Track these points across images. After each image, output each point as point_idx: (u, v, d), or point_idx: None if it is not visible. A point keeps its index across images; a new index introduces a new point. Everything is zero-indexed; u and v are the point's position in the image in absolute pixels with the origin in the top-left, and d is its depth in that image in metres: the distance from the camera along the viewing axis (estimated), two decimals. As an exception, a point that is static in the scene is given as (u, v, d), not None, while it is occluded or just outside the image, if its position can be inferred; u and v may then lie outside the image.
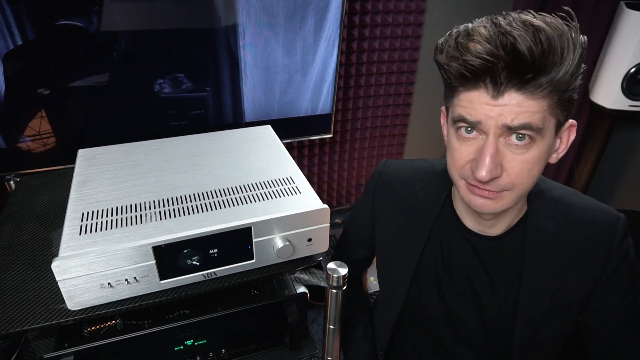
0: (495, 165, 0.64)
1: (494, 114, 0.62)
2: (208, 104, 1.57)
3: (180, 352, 0.80)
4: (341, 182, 2.14)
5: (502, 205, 0.69)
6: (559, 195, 0.78)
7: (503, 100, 0.62)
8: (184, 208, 0.74)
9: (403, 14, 1.80)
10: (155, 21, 1.36)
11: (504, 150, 0.65)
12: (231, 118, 1.61)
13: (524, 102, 0.61)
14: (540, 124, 0.62)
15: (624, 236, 0.75)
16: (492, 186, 0.67)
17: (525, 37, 0.57)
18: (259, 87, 1.59)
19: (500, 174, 0.65)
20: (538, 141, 0.64)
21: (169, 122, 1.53)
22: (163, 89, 1.50)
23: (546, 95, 0.61)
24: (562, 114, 0.65)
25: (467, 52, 0.61)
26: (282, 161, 0.89)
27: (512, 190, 0.67)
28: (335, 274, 0.81)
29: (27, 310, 0.66)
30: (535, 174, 0.67)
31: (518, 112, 0.61)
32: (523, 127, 0.62)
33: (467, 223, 0.81)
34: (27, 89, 1.28)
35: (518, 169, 0.65)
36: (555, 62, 0.59)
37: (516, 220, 0.78)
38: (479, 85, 0.63)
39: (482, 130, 0.65)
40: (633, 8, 1.77)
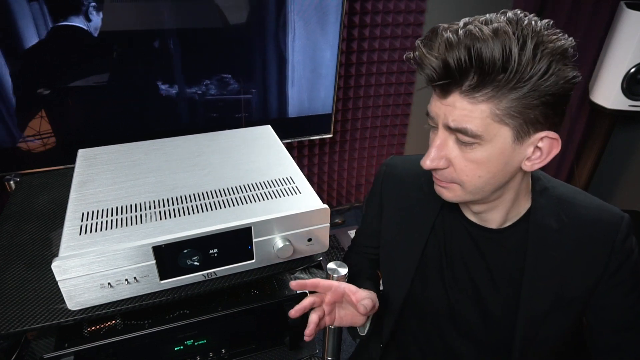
0: (440, 157, 0.68)
1: (441, 113, 0.66)
2: (252, 105, 1.59)
3: (180, 352, 0.80)
4: (341, 182, 2.14)
5: (455, 196, 0.72)
6: (563, 193, 0.78)
7: (447, 101, 0.65)
8: (184, 208, 0.74)
9: (403, 14, 1.80)
10: (199, 20, 1.37)
11: (453, 146, 0.68)
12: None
13: (465, 105, 0.63)
14: (479, 130, 0.63)
15: (627, 235, 0.74)
16: (440, 176, 0.72)
17: (460, 37, 0.60)
18: (298, 85, 1.62)
19: (446, 166, 0.69)
20: (484, 145, 0.65)
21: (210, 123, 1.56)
22: (209, 90, 1.51)
23: (488, 101, 0.61)
24: (520, 119, 0.63)
25: (424, 55, 0.64)
26: (282, 161, 0.89)
27: (462, 185, 0.70)
28: (335, 274, 0.81)
29: (27, 310, 0.66)
30: (484, 175, 0.67)
31: (457, 115, 0.64)
32: (459, 130, 0.64)
33: (468, 215, 0.82)
34: (50, 88, 1.29)
35: (462, 165, 0.68)
36: (494, 65, 0.59)
37: (518, 215, 0.79)
38: (437, 85, 0.66)
39: (435, 125, 0.69)
40: (633, 8, 1.77)
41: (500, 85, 0.60)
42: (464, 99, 0.62)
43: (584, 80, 2.05)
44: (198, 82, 1.50)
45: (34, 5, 1.18)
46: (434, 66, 0.62)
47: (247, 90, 1.57)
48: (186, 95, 1.50)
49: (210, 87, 1.55)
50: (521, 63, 0.58)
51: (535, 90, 0.60)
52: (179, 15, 1.36)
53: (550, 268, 0.76)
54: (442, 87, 0.64)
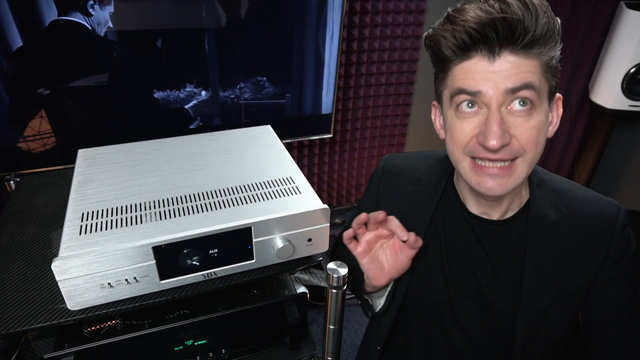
0: (504, 132, 0.65)
1: (495, 81, 0.64)
2: (287, 108, 1.59)
3: (180, 352, 0.80)
4: (341, 182, 2.14)
5: (514, 180, 0.69)
6: (561, 186, 0.79)
7: (500, 64, 0.64)
8: (184, 208, 0.74)
9: (403, 14, 1.80)
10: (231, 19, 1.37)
11: (509, 119, 0.66)
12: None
13: (520, 63, 0.64)
14: (539, 84, 0.65)
15: (624, 225, 0.75)
16: (504, 154, 0.67)
17: (512, 1, 0.62)
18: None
19: (510, 141, 0.66)
20: (538, 106, 0.66)
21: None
22: (243, 94, 1.50)
23: (537, 56, 0.65)
24: (553, 80, 0.68)
25: (460, 21, 0.65)
26: (282, 161, 0.89)
27: (524, 157, 0.68)
28: (335, 274, 0.81)
29: (27, 310, 0.66)
30: (542, 142, 0.69)
31: (517, 73, 0.64)
32: (525, 86, 0.64)
33: (470, 206, 0.81)
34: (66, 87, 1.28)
35: (527, 134, 0.66)
36: (541, 22, 0.62)
37: (518, 207, 0.79)
38: (473, 54, 0.65)
39: (484, 102, 0.66)
40: (633, 8, 1.77)
41: (546, 41, 0.64)
42: (517, 56, 0.63)
43: (584, 80, 2.05)
44: (233, 85, 1.50)
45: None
46: (492, 25, 0.62)
47: (281, 94, 1.57)
48: (219, 99, 1.49)
49: (245, 90, 1.54)
50: (552, 21, 0.64)
51: (557, 53, 0.66)
52: (209, 14, 1.35)
53: (550, 259, 0.76)
54: (493, 48, 0.63)
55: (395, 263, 0.77)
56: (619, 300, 0.77)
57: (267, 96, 1.59)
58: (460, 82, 0.67)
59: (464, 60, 0.67)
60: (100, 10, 1.25)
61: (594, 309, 0.79)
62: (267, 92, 1.58)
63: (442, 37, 0.68)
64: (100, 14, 1.26)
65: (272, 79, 1.56)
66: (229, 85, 1.50)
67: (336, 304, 0.85)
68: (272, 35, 1.48)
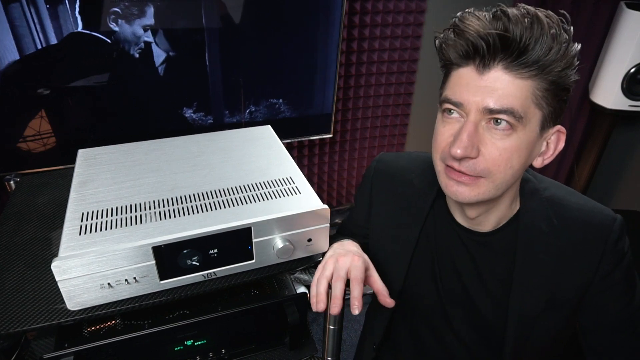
0: (472, 144, 0.64)
1: (478, 96, 0.63)
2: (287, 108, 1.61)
3: (180, 352, 0.80)
4: (341, 182, 2.14)
5: (477, 193, 0.68)
6: (554, 195, 0.78)
7: (488, 78, 0.62)
8: (184, 208, 0.74)
9: (403, 14, 1.80)
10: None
11: (484, 134, 0.65)
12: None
13: (508, 82, 0.61)
14: (522, 111, 0.62)
15: (619, 237, 0.73)
16: (467, 169, 0.66)
17: (516, 15, 0.60)
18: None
19: (476, 156, 0.65)
20: (519, 130, 0.64)
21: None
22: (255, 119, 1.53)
23: (532, 77, 0.62)
24: (548, 108, 0.64)
25: (459, 28, 0.64)
26: (282, 161, 0.89)
27: (488, 178, 0.66)
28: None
29: (27, 310, 0.66)
30: (515, 166, 0.66)
31: (502, 94, 0.62)
32: (504, 110, 0.62)
33: (458, 218, 0.81)
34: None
35: (495, 154, 0.64)
36: (543, 43, 0.60)
37: (507, 218, 0.78)
38: (468, 63, 0.65)
39: (464, 112, 0.66)
40: (633, 8, 1.77)
41: (546, 64, 0.61)
42: (508, 74, 0.61)
43: (584, 80, 2.05)
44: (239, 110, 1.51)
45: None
46: (485, 37, 0.60)
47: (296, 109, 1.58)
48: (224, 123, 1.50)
49: (257, 115, 1.53)
50: (563, 45, 0.61)
51: (562, 78, 0.62)
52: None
53: (540, 270, 0.75)
54: (484, 60, 0.62)
55: None
56: (613, 310, 0.77)
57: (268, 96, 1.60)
58: (449, 90, 0.68)
59: (460, 67, 0.66)
60: (126, 24, 1.26)
61: (589, 317, 0.79)
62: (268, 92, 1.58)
63: (443, 42, 0.68)
64: (127, 28, 1.27)
65: (271, 79, 1.56)
66: (229, 85, 1.50)
67: (336, 304, 0.85)
68: (271, 36, 1.48)
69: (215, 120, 1.53)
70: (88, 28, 1.24)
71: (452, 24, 0.66)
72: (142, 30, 1.30)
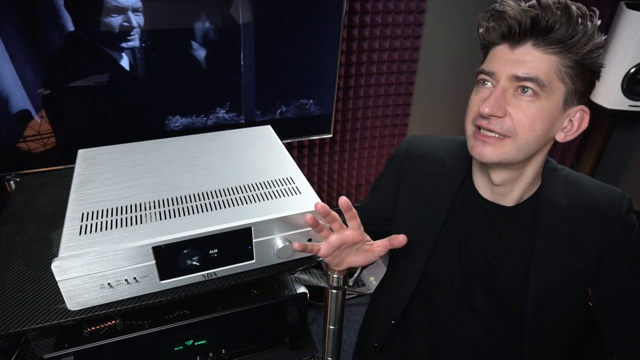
0: (499, 105, 0.72)
1: (508, 66, 0.72)
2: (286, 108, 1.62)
3: (180, 352, 0.80)
4: (341, 182, 2.14)
5: (500, 153, 0.74)
6: (569, 174, 0.86)
7: (518, 53, 0.72)
8: (184, 208, 0.74)
9: (403, 14, 1.80)
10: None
11: (511, 99, 0.73)
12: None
13: (536, 56, 0.71)
14: (545, 80, 0.71)
15: (628, 211, 0.81)
16: (495, 125, 0.73)
17: (548, 2, 0.70)
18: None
19: (503, 116, 0.73)
20: (542, 99, 0.72)
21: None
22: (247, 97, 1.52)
23: (557, 54, 0.71)
24: (572, 85, 0.72)
25: (496, 11, 0.74)
26: (282, 161, 0.89)
27: (513, 138, 0.73)
28: (335, 274, 0.81)
29: (27, 310, 0.66)
30: (537, 130, 0.73)
31: (529, 65, 0.71)
32: (530, 78, 0.71)
33: (483, 193, 0.85)
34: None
35: (520, 116, 0.72)
36: (569, 26, 0.69)
37: (529, 194, 0.83)
38: (504, 41, 0.75)
39: (495, 80, 0.74)
40: (633, 8, 1.77)
41: (570, 44, 0.70)
42: (536, 50, 0.71)
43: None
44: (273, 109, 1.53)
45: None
46: (519, 18, 0.71)
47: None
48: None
49: (287, 114, 1.57)
50: (588, 32, 0.70)
51: (586, 60, 0.71)
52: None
53: (559, 242, 0.81)
54: (516, 38, 0.72)
55: (362, 260, 0.78)
56: (625, 279, 0.82)
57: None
58: (484, 64, 0.77)
59: (497, 46, 0.76)
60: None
61: (603, 287, 0.84)
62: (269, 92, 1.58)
63: (484, 27, 0.77)
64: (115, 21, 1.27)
65: (272, 80, 1.56)
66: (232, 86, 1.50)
67: (336, 304, 0.85)
68: (271, 36, 1.48)
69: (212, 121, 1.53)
70: (88, 26, 1.24)
71: (492, 9, 0.76)
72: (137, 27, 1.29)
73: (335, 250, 0.74)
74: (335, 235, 0.72)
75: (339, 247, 0.73)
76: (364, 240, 0.75)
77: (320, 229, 0.71)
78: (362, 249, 0.76)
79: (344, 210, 0.71)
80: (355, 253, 0.77)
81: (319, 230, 0.71)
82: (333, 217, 0.70)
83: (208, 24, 1.38)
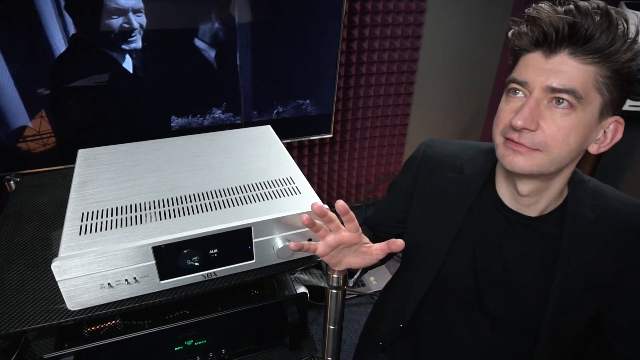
0: (532, 118, 0.69)
1: (542, 76, 0.69)
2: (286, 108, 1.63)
3: (180, 352, 0.80)
4: (341, 182, 2.14)
5: (532, 164, 0.72)
6: (597, 186, 0.83)
7: (553, 62, 0.68)
8: (184, 208, 0.74)
9: (403, 14, 1.80)
10: None
11: (544, 111, 0.70)
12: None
13: (572, 66, 0.67)
14: (582, 92, 0.67)
15: None
16: (525, 140, 0.71)
17: (587, 8, 0.66)
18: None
19: (535, 129, 0.70)
20: (578, 111, 0.69)
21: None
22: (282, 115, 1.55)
23: (594, 64, 0.67)
24: (608, 95, 0.70)
25: (531, 17, 0.71)
26: (282, 161, 0.89)
27: (545, 152, 0.71)
28: (335, 274, 0.81)
29: (27, 310, 0.66)
30: (572, 144, 0.70)
31: (565, 76, 0.67)
32: (566, 90, 0.67)
33: (507, 201, 0.84)
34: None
35: (554, 130, 0.69)
36: (609, 35, 0.65)
37: (555, 205, 0.82)
38: (538, 48, 0.71)
39: (528, 90, 0.71)
40: (633, 8, 1.77)
41: (609, 53, 0.66)
42: (573, 60, 0.67)
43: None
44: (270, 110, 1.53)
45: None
46: (556, 25, 0.67)
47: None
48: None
49: (283, 115, 1.56)
50: (629, 40, 0.66)
51: (625, 69, 0.68)
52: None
53: (583, 256, 0.79)
54: (551, 46, 0.68)
55: (360, 262, 0.78)
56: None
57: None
58: (516, 72, 0.73)
59: (529, 53, 0.72)
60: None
61: (618, 301, 0.82)
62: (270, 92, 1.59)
63: (515, 30, 0.74)
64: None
65: (271, 80, 1.56)
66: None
67: (336, 304, 0.85)
68: (271, 36, 1.48)
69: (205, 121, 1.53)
70: (89, 28, 1.24)
71: (527, 14, 0.72)
72: (136, 24, 1.29)
73: (332, 250, 0.74)
74: (332, 236, 0.72)
75: (335, 248, 0.73)
76: (361, 242, 0.75)
77: (317, 229, 0.71)
78: (359, 250, 0.76)
79: (340, 214, 0.71)
80: (354, 255, 0.77)
81: (316, 231, 0.71)
82: (330, 218, 0.70)
83: (206, 24, 1.38)
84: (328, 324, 0.87)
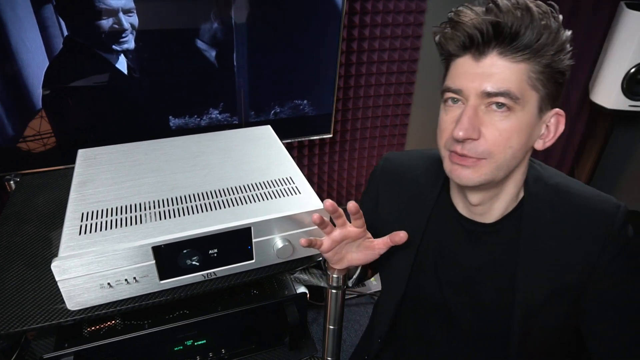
0: (473, 127, 0.67)
1: (475, 81, 0.67)
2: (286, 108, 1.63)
3: (180, 352, 0.80)
4: (341, 182, 2.14)
5: (480, 175, 0.71)
6: (559, 182, 0.79)
7: (484, 65, 0.67)
8: (184, 208, 0.74)
9: (403, 14, 1.80)
10: None
11: (484, 117, 0.68)
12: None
13: (504, 66, 0.66)
14: (518, 92, 0.66)
15: (623, 224, 0.75)
16: (469, 151, 0.69)
17: (507, 6, 0.65)
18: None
19: (478, 138, 0.68)
20: (517, 112, 0.67)
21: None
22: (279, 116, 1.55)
23: (525, 61, 0.66)
24: (544, 90, 0.68)
25: (454, 21, 0.69)
26: (282, 161, 0.89)
27: (490, 159, 0.69)
28: (335, 274, 0.81)
29: (27, 310, 0.66)
30: (514, 146, 0.69)
31: (498, 78, 0.66)
32: (501, 93, 0.66)
33: (461, 210, 0.82)
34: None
35: (495, 135, 0.68)
36: (534, 29, 0.65)
37: (512, 207, 0.79)
38: (466, 52, 0.69)
39: (464, 97, 0.69)
40: (633, 8, 1.77)
41: (538, 48, 0.65)
42: (503, 59, 0.66)
43: (584, 80, 2.05)
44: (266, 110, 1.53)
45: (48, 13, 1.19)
46: (480, 26, 0.65)
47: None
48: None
49: (281, 115, 1.57)
50: (553, 31, 0.66)
51: (555, 62, 0.67)
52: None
53: (544, 258, 0.76)
54: (479, 48, 0.67)
55: (362, 257, 0.78)
56: (615, 298, 0.77)
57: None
58: (449, 80, 0.72)
59: (458, 58, 0.70)
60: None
61: (591, 301, 0.79)
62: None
63: (441, 36, 0.72)
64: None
65: (270, 80, 1.56)
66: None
67: (336, 304, 0.85)
68: (270, 36, 1.48)
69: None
70: (80, 30, 1.24)
71: (449, 18, 0.70)
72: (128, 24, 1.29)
73: (337, 246, 0.74)
74: (338, 230, 0.72)
75: (340, 242, 0.73)
76: (365, 237, 0.75)
77: (325, 226, 0.71)
78: (362, 245, 0.76)
79: (351, 214, 0.71)
80: (356, 250, 0.77)
81: (324, 228, 0.71)
82: (339, 214, 0.71)
83: (203, 24, 1.38)
84: (328, 324, 0.87)
